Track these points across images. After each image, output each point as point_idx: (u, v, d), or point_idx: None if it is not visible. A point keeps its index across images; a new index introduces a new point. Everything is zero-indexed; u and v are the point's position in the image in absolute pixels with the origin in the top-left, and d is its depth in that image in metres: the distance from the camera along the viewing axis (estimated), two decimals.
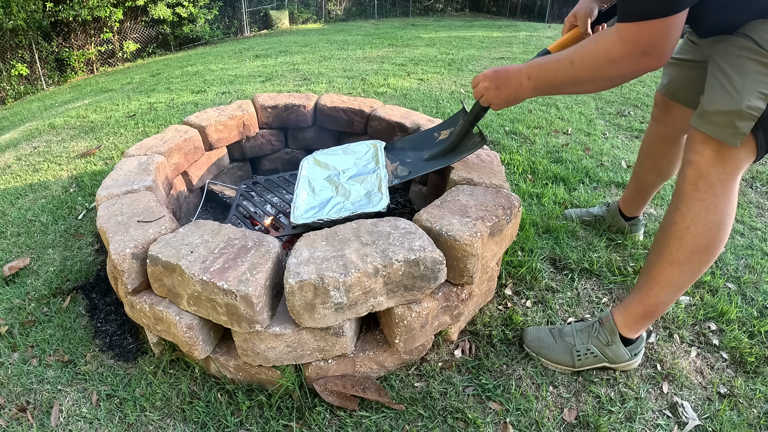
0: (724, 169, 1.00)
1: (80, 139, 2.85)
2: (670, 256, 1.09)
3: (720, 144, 0.99)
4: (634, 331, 1.21)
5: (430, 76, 4.14)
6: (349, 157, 1.75)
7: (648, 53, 0.92)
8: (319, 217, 1.45)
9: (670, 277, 1.10)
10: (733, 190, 1.03)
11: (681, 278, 1.10)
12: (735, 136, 0.96)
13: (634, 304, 1.19)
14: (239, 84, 4.00)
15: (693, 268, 1.08)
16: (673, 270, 1.10)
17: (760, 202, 2.13)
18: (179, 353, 1.30)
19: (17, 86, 7.79)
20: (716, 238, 1.04)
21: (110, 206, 1.34)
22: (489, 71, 1.21)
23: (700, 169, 1.02)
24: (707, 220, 1.03)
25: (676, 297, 1.14)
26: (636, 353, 1.24)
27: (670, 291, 1.12)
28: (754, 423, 1.15)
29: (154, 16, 9.32)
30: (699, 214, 1.04)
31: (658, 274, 1.12)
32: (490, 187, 1.37)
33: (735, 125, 0.95)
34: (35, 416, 1.18)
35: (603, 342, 1.23)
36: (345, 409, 1.16)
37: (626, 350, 1.22)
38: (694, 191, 1.04)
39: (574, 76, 1.03)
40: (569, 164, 2.35)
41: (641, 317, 1.18)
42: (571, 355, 1.25)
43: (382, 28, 9.54)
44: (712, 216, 1.03)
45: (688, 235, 1.05)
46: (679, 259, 1.08)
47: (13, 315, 1.48)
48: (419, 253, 1.08)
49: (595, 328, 1.25)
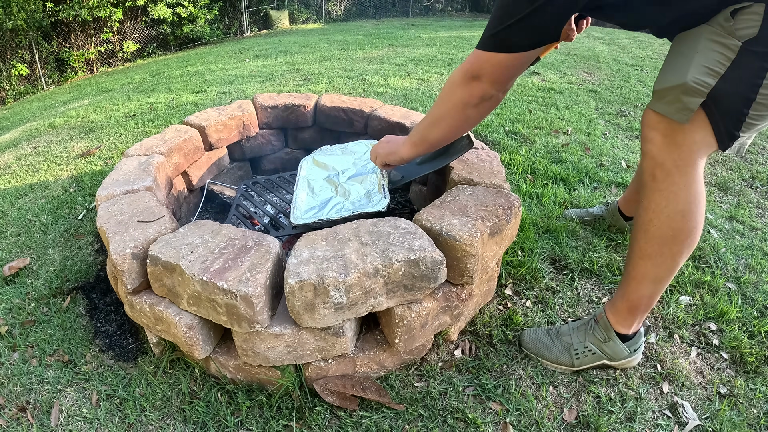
0: (679, 154, 0.98)
1: (80, 139, 2.85)
2: (639, 250, 1.09)
3: (670, 126, 0.97)
4: (626, 326, 1.20)
5: (430, 76, 4.14)
6: (348, 157, 1.75)
7: (478, 77, 1.03)
8: (319, 218, 1.45)
9: (644, 270, 1.10)
10: (694, 176, 0.99)
11: (655, 271, 1.09)
12: (681, 111, 0.94)
13: (618, 301, 1.19)
14: (239, 84, 4.00)
15: (665, 260, 1.06)
16: (645, 264, 1.09)
17: (760, 202, 2.13)
18: (179, 353, 1.30)
19: (17, 86, 7.80)
20: (682, 228, 1.02)
21: (110, 206, 1.34)
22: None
23: (655, 158, 1.01)
24: (669, 210, 1.01)
25: (658, 290, 1.12)
26: (635, 350, 1.23)
27: (648, 284, 1.11)
28: (754, 423, 1.15)
29: (154, 16, 9.32)
30: (660, 205, 1.02)
31: (632, 270, 1.12)
32: (490, 187, 1.37)
33: (681, 100, 0.93)
34: (35, 416, 1.18)
35: (600, 339, 1.23)
36: (345, 409, 1.16)
37: (624, 346, 1.22)
38: (653, 182, 1.02)
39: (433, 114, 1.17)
40: (569, 164, 2.35)
41: (627, 312, 1.18)
42: (570, 354, 1.25)
43: (382, 28, 9.54)
44: (674, 205, 1.00)
45: (652, 228, 1.04)
46: (649, 252, 1.07)
47: (13, 315, 1.48)
48: (419, 253, 1.08)
49: (590, 325, 1.25)
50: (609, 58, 5.11)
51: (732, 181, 2.30)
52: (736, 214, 1.99)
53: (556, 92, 3.65)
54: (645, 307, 1.16)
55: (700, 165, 0.99)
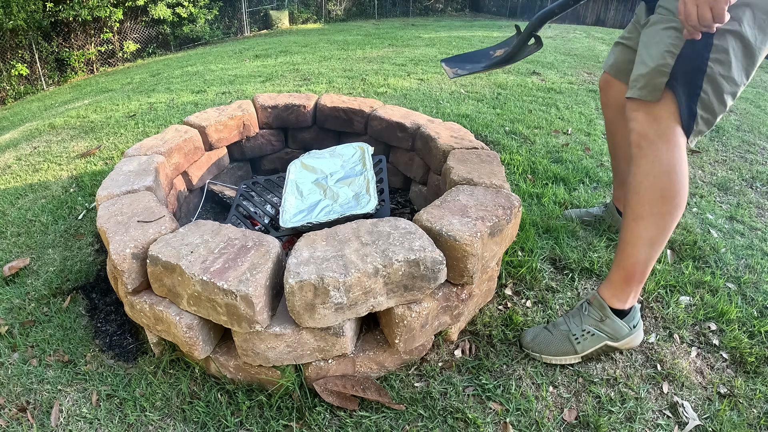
0: (659, 126, 1.11)
1: (80, 139, 2.85)
2: (632, 213, 1.16)
3: (647, 105, 1.12)
4: (622, 300, 1.22)
5: (430, 76, 4.14)
6: (336, 160, 1.75)
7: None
8: (308, 221, 1.45)
9: (637, 232, 1.16)
10: (675, 142, 1.10)
11: (648, 232, 1.14)
12: (652, 92, 1.10)
13: (614, 272, 1.22)
14: (239, 84, 4.00)
15: (656, 220, 1.13)
16: (637, 226, 1.15)
17: (760, 202, 2.13)
18: (179, 353, 1.30)
19: (17, 86, 7.79)
20: (669, 187, 1.11)
21: (110, 206, 1.34)
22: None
23: (639, 132, 1.13)
24: (656, 171, 1.11)
25: (651, 255, 1.17)
26: (634, 325, 1.24)
27: (641, 247, 1.16)
28: (754, 423, 1.15)
29: (154, 16, 9.32)
30: (647, 168, 1.12)
31: (626, 234, 1.18)
32: (490, 187, 1.37)
33: (651, 83, 1.10)
34: (35, 416, 1.18)
35: (596, 319, 1.25)
36: (345, 409, 1.16)
37: (622, 323, 1.23)
38: (639, 151, 1.14)
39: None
40: (569, 164, 2.35)
41: (623, 282, 1.21)
42: (570, 341, 1.26)
43: (382, 28, 9.54)
44: (659, 167, 1.11)
45: (642, 190, 1.13)
46: (640, 213, 1.14)
47: (13, 315, 1.48)
48: (419, 253, 1.08)
49: (584, 308, 1.28)
50: None
51: (732, 181, 2.30)
52: (736, 214, 1.99)
53: (556, 92, 3.65)
54: (640, 275, 1.19)
55: (678, 133, 1.11)
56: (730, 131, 2.99)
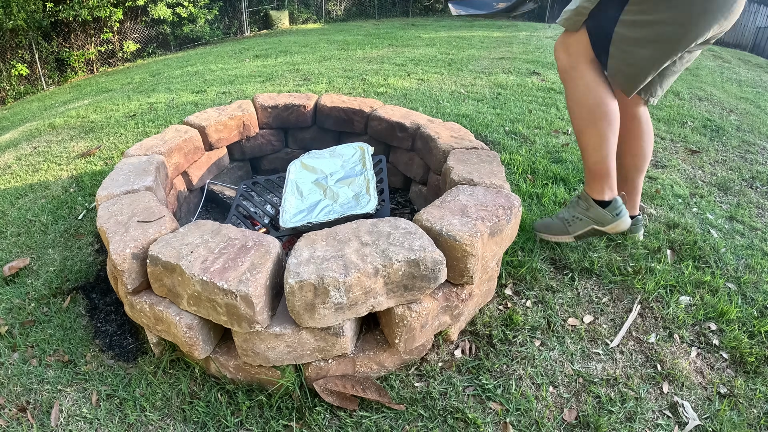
0: (569, 57, 1.43)
1: (80, 139, 2.85)
2: (577, 130, 1.48)
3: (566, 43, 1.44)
4: (598, 191, 1.52)
5: (430, 76, 4.14)
6: (336, 160, 1.75)
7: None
8: (308, 221, 1.45)
9: (585, 142, 1.47)
10: (583, 71, 1.41)
11: (590, 140, 1.46)
12: (574, 24, 1.40)
13: (585, 174, 1.55)
14: (239, 84, 4.00)
15: (591, 129, 1.44)
16: (583, 137, 1.47)
17: (760, 202, 2.13)
18: (179, 353, 1.30)
19: (17, 86, 7.79)
20: (590, 103, 1.41)
21: (110, 206, 1.34)
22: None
23: (561, 67, 1.47)
24: (577, 94, 1.44)
25: (602, 156, 1.46)
26: (617, 214, 1.50)
27: (592, 152, 1.47)
28: (754, 423, 1.15)
29: (154, 16, 9.32)
30: (571, 94, 1.46)
31: (580, 146, 1.50)
32: (490, 187, 1.37)
33: (573, 18, 1.40)
34: (35, 416, 1.18)
35: (583, 208, 1.56)
36: (345, 409, 1.16)
37: (605, 211, 1.51)
38: (564, 82, 1.48)
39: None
40: (569, 164, 2.35)
41: (593, 179, 1.51)
42: (564, 225, 1.61)
43: (382, 28, 9.54)
44: (579, 91, 1.43)
45: (574, 111, 1.46)
46: (580, 128, 1.47)
47: (13, 315, 1.48)
48: (419, 253, 1.08)
49: (575, 201, 1.60)
50: None
51: (732, 181, 2.30)
52: (736, 214, 1.99)
53: (556, 92, 3.65)
54: (604, 173, 1.49)
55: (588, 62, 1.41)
56: (730, 131, 2.99)
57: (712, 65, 5.49)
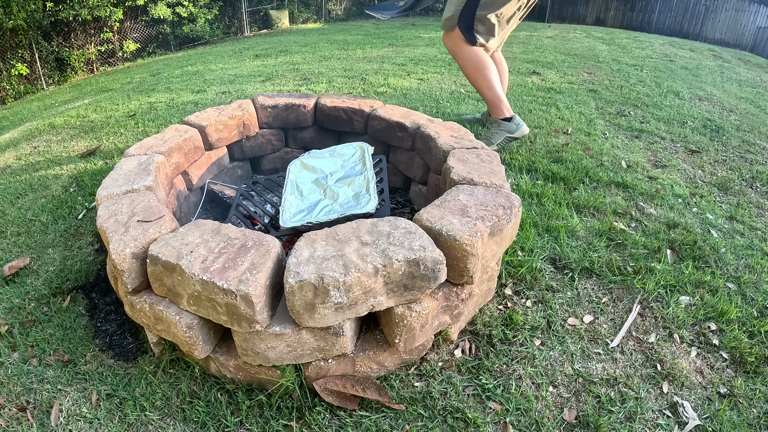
0: (452, 43, 2.30)
1: (80, 139, 2.85)
2: (472, 81, 2.35)
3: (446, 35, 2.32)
4: (500, 112, 2.36)
5: (430, 75, 4.14)
6: (336, 160, 1.75)
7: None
8: (308, 220, 1.45)
9: (480, 86, 2.34)
10: (464, 47, 2.28)
11: (483, 83, 2.31)
12: (451, 27, 2.26)
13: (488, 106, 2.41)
14: (239, 84, 4.00)
15: (480, 76, 2.30)
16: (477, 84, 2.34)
17: (760, 202, 2.13)
18: (179, 353, 1.30)
19: (17, 86, 7.79)
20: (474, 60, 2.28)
21: (110, 206, 1.34)
22: None
23: (450, 52, 2.35)
24: (465, 59, 2.31)
25: (493, 93, 2.32)
26: (518, 123, 2.38)
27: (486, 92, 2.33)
28: (754, 423, 1.15)
29: (154, 16, 9.32)
30: (461, 61, 2.32)
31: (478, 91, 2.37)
32: (490, 187, 1.37)
33: (449, 24, 2.26)
34: (35, 416, 1.18)
35: (496, 125, 2.38)
36: (345, 408, 1.16)
37: (510, 123, 2.36)
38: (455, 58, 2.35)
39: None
40: (569, 164, 2.35)
41: (494, 106, 2.37)
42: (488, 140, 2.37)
43: (382, 27, 9.54)
44: (464, 57, 2.31)
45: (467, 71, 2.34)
46: (474, 78, 2.33)
47: (13, 315, 1.48)
48: (419, 252, 1.08)
49: (489, 125, 2.42)
50: (609, 58, 5.11)
51: (732, 181, 2.30)
52: (736, 214, 1.99)
53: (556, 92, 3.65)
54: (497, 102, 2.34)
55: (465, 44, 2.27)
56: (730, 131, 2.99)
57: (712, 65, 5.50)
